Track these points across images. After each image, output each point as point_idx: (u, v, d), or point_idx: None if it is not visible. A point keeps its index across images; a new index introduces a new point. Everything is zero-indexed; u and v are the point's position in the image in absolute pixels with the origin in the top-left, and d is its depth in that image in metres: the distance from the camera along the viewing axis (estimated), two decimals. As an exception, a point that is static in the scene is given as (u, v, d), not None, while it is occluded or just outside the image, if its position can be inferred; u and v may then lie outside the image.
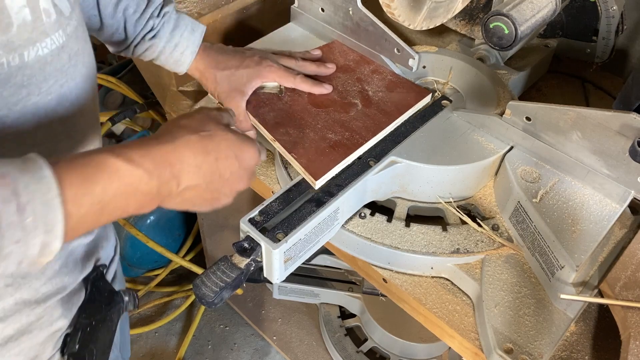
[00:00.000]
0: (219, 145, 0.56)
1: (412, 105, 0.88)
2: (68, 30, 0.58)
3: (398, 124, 0.86)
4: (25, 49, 0.52)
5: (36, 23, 0.53)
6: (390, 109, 0.87)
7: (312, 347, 1.65)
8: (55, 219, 0.43)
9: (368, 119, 0.85)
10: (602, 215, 0.76)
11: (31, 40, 0.53)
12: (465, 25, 1.06)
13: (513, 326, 0.73)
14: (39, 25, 0.53)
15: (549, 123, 0.78)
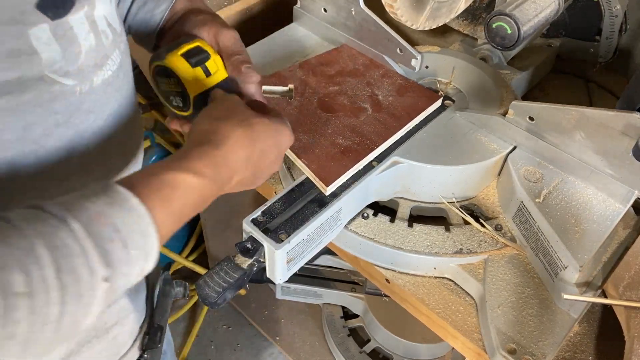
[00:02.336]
0: (260, 134, 0.56)
1: (423, 110, 0.88)
2: (122, 47, 0.57)
3: (409, 128, 0.86)
4: (94, 74, 0.52)
5: (99, 47, 0.52)
6: (400, 113, 0.87)
7: (315, 347, 1.65)
8: (152, 246, 0.44)
9: (378, 123, 0.85)
10: (605, 215, 0.76)
11: (97, 65, 0.52)
12: (468, 25, 1.06)
13: (516, 327, 0.73)
14: (101, 49, 0.53)
15: (552, 123, 0.78)
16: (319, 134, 0.83)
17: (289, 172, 0.86)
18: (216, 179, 0.50)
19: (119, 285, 0.42)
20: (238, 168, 0.53)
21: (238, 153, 0.53)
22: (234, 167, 0.53)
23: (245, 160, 0.54)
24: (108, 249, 0.40)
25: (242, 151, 0.53)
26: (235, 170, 0.53)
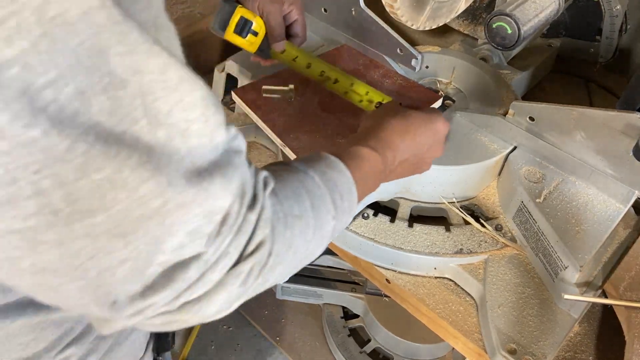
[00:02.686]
0: (413, 123, 0.66)
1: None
2: None
3: None
4: None
5: None
6: None
7: (315, 347, 1.65)
8: (354, 201, 0.55)
9: None
10: (606, 215, 0.76)
11: None
12: (468, 25, 1.05)
13: (516, 327, 0.73)
14: None
15: (553, 123, 0.78)
16: (319, 134, 0.83)
17: (289, 172, 0.86)
18: (383, 155, 0.61)
19: (336, 227, 0.53)
20: (398, 149, 0.64)
21: (394, 136, 0.64)
22: (395, 148, 0.63)
23: (402, 142, 0.64)
24: (334, 197, 0.51)
25: (399, 136, 0.64)
26: (396, 151, 0.63)
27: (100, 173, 0.30)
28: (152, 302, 0.37)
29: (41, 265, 0.33)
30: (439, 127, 0.68)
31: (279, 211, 0.45)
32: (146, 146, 0.32)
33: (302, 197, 0.48)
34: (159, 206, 0.33)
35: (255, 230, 0.41)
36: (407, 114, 0.67)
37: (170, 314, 0.39)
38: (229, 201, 0.38)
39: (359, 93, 0.86)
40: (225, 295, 0.41)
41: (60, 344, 0.55)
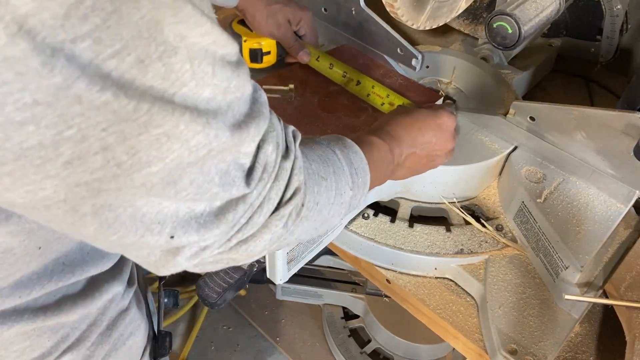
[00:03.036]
0: (418, 117, 0.70)
1: None
2: None
3: None
4: None
5: None
6: None
7: (315, 348, 1.65)
8: (367, 180, 0.60)
9: None
10: (606, 215, 0.75)
11: None
12: (469, 24, 1.05)
13: (517, 327, 0.72)
14: None
15: (553, 123, 0.78)
16: (320, 133, 0.83)
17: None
18: (390, 145, 0.66)
19: (352, 201, 0.58)
20: (403, 141, 0.68)
21: (399, 131, 0.68)
22: (400, 140, 0.67)
23: (407, 136, 0.68)
24: (351, 171, 0.57)
25: (403, 129, 0.69)
26: (402, 143, 0.67)
27: (160, 128, 0.34)
28: (207, 241, 0.42)
29: (100, 204, 0.36)
30: (443, 120, 0.71)
31: (308, 167, 0.51)
32: (194, 105, 0.35)
33: (326, 162, 0.54)
34: (205, 154, 0.37)
35: (291, 177, 0.47)
36: (412, 110, 0.72)
37: (223, 254, 0.45)
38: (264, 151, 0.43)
39: (380, 95, 0.87)
40: (270, 235, 0.46)
41: (56, 351, 0.55)
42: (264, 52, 0.95)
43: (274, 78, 0.93)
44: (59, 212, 0.36)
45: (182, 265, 0.44)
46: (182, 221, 0.40)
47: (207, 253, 0.43)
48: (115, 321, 0.61)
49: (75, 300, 0.55)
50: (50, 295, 0.52)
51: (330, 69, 0.93)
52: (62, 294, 0.53)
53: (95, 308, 0.58)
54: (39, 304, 0.52)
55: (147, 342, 0.70)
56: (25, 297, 0.50)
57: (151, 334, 0.71)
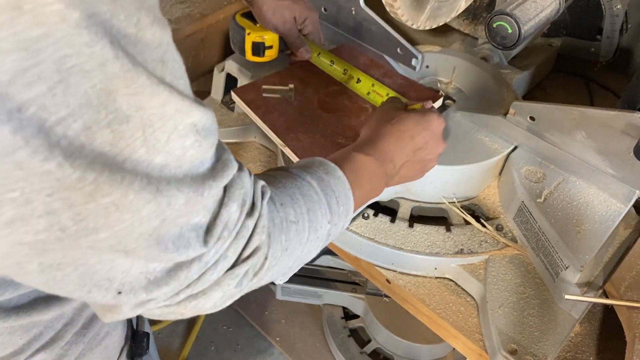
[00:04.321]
0: (407, 125, 0.69)
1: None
2: None
3: None
4: None
5: None
6: None
7: (315, 348, 1.65)
8: (351, 206, 0.59)
9: None
10: (606, 215, 0.75)
11: None
12: (469, 24, 1.05)
13: (517, 327, 0.72)
14: None
15: (554, 123, 0.78)
16: (320, 133, 0.83)
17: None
18: (379, 160, 0.65)
19: (332, 231, 0.57)
20: (394, 154, 0.67)
21: (389, 142, 0.67)
22: (391, 153, 0.67)
23: (399, 147, 0.67)
24: (330, 202, 0.55)
25: (394, 141, 0.67)
26: (393, 155, 0.67)
27: (107, 197, 0.33)
28: (155, 296, 0.41)
29: (48, 263, 0.36)
30: (433, 124, 0.70)
31: (276, 217, 0.49)
32: (145, 172, 0.35)
33: (299, 202, 0.52)
34: (158, 224, 0.37)
35: (252, 236, 0.45)
36: (401, 119, 0.69)
37: (169, 307, 0.44)
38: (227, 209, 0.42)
39: (380, 94, 0.87)
40: (221, 293, 0.45)
41: (29, 349, 0.55)
42: (267, 46, 0.95)
43: (274, 78, 0.93)
44: (3, 264, 0.36)
45: (126, 314, 0.43)
46: (132, 277, 0.39)
47: (152, 305, 0.42)
48: (91, 320, 0.61)
49: (49, 301, 0.54)
50: (24, 296, 0.52)
51: (331, 66, 0.93)
52: (36, 295, 0.53)
53: (70, 308, 0.57)
54: (12, 304, 0.52)
55: (125, 342, 0.70)
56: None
57: (129, 334, 0.71)
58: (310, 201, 0.53)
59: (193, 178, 0.38)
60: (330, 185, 0.56)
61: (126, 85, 0.32)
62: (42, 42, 0.28)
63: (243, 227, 0.44)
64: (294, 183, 0.54)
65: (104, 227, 0.34)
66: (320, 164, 0.58)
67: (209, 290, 0.44)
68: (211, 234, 0.41)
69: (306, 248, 0.54)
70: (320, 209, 0.54)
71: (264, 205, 0.47)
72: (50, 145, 0.30)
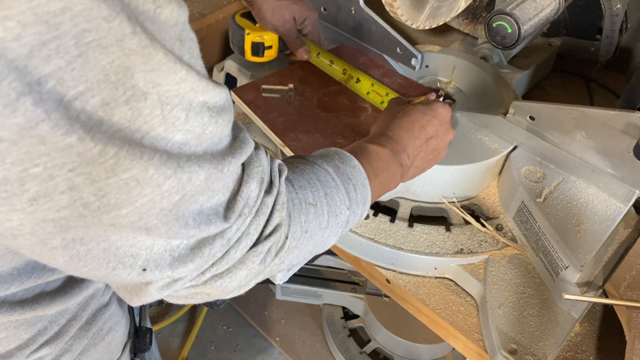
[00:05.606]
0: (415, 116, 0.70)
1: None
2: None
3: None
4: None
5: None
6: None
7: (315, 348, 1.65)
8: (368, 194, 0.59)
9: None
10: (606, 214, 0.75)
11: None
12: (469, 24, 1.05)
13: (517, 327, 0.72)
14: None
15: (553, 122, 0.78)
16: (319, 133, 0.83)
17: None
18: (393, 150, 0.65)
19: (351, 219, 0.57)
20: (407, 144, 0.67)
21: (401, 134, 0.68)
22: (404, 143, 0.67)
23: (410, 139, 0.68)
24: (347, 189, 0.56)
25: (406, 132, 0.68)
26: (405, 146, 0.67)
27: (128, 172, 0.33)
28: (180, 274, 0.41)
29: (71, 238, 0.36)
30: (440, 112, 0.72)
31: (294, 197, 0.50)
32: (164, 149, 0.35)
33: (316, 186, 0.53)
34: (178, 199, 0.37)
35: (272, 213, 0.46)
36: (407, 111, 0.71)
37: (196, 288, 0.44)
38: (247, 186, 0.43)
39: (380, 94, 0.87)
40: (246, 271, 0.46)
41: (33, 343, 0.56)
42: (266, 46, 0.95)
43: (273, 78, 0.92)
44: (27, 243, 0.35)
45: (153, 295, 0.43)
46: (156, 254, 0.40)
47: (179, 285, 0.43)
48: (95, 316, 0.62)
49: (53, 296, 0.55)
50: (29, 291, 0.53)
51: (331, 65, 0.93)
52: (40, 290, 0.54)
53: (74, 303, 0.58)
54: (17, 298, 0.52)
55: (128, 338, 0.70)
56: (3, 292, 0.50)
57: (132, 330, 0.72)
58: (328, 187, 0.54)
59: (213, 155, 0.39)
60: (346, 173, 0.57)
61: (144, 61, 0.32)
62: (61, 15, 0.28)
63: (263, 204, 0.45)
64: (311, 169, 0.55)
65: (126, 202, 0.34)
66: (336, 154, 0.59)
67: (234, 269, 0.45)
68: (232, 210, 0.42)
69: (326, 233, 0.54)
70: (338, 194, 0.55)
71: (282, 183, 0.48)
72: (70, 119, 0.30)
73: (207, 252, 0.41)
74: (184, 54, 0.36)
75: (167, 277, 0.41)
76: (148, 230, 0.37)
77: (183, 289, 0.43)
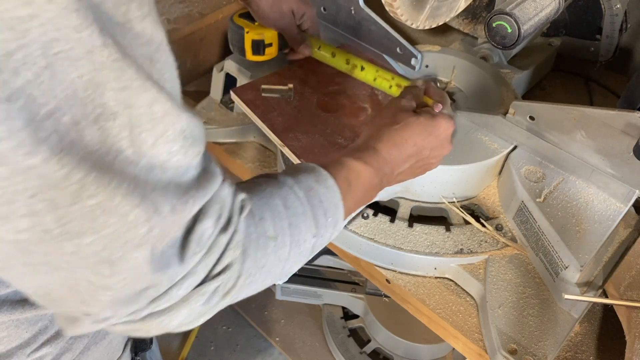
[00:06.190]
0: (413, 132, 0.67)
1: None
2: None
3: None
4: None
5: None
6: None
7: (315, 348, 1.65)
8: (340, 216, 0.56)
9: None
10: (606, 214, 0.75)
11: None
12: (468, 24, 1.05)
13: (517, 327, 0.72)
14: None
15: (553, 122, 0.78)
16: (319, 133, 0.83)
17: (289, 172, 0.85)
18: (379, 170, 0.62)
19: (317, 244, 0.54)
20: (396, 163, 0.65)
21: (391, 151, 0.65)
22: (393, 162, 0.65)
23: (399, 153, 0.65)
24: (316, 214, 0.52)
25: (395, 148, 0.65)
26: (394, 165, 0.65)
27: (93, 199, 0.32)
28: (119, 312, 0.39)
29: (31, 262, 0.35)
30: (440, 129, 0.69)
31: (253, 232, 0.46)
32: (133, 174, 0.34)
33: (281, 215, 0.49)
34: (145, 232, 0.35)
35: (225, 252, 0.43)
36: (407, 124, 0.67)
37: (133, 323, 0.41)
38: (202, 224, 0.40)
39: (386, 78, 0.87)
40: (188, 311, 0.42)
41: (34, 342, 0.56)
42: (266, 44, 0.94)
43: (273, 78, 0.92)
44: None
45: (86, 328, 0.41)
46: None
47: (112, 321, 0.40)
48: None
49: None
50: None
51: (333, 58, 0.93)
52: None
53: None
54: (18, 296, 0.52)
55: (129, 337, 0.70)
56: (4, 290, 0.50)
57: None
58: (294, 214, 0.51)
59: (177, 186, 0.37)
60: (318, 195, 0.53)
61: (115, 77, 0.31)
62: (29, 22, 0.27)
63: (216, 242, 0.42)
64: (279, 193, 0.51)
65: (90, 230, 0.33)
66: (312, 171, 0.55)
67: (175, 307, 0.41)
68: (186, 251, 0.39)
69: (287, 264, 0.51)
70: (305, 221, 0.52)
71: (241, 221, 0.45)
72: (37, 140, 0.29)
73: (151, 294, 0.39)
74: (152, 74, 0.34)
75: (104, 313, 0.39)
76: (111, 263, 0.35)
77: (120, 323, 0.41)
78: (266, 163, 0.96)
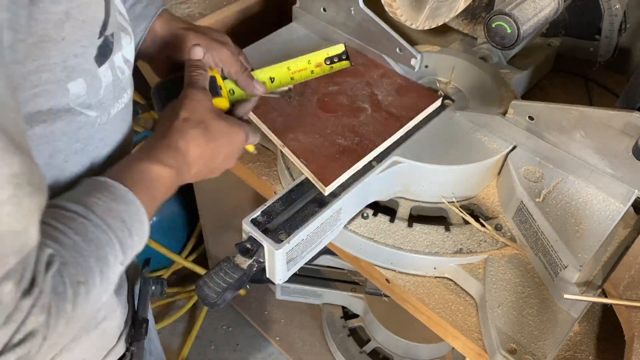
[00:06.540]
0: (215, 136, 0.62)
1: (423, 109, 0.87)
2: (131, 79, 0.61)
3: (409, 128, 0.86)
4: (112, 107, 0.57)
5: (115, 82, 0.56)
6: (400, 113, 0.87)
7: (315, 347, 1.65)
8: (145, 232, 0.53)
9: (378, 123, 0.85)
10: (605, 214, 0.76)
11: (115, 97, 0.57)
12: (468, 24, 1.05)
13: (516, 326, 0.73)
14: (117, 84, 0.57)
15: (552, 122, 0.78)
16: (318, 133, 0.83)
17: (289, 172, 0.86)
18: (178, 170, 0.58)
19: (124, 266, 0.51)
20: (194, 162, 0.60)
21: (194, 150, 0.60)
22: (191, 161, 0.60)
23: (200, 156, 0.61)
24: (121, 238, 0.49)
25: (197, 149, 0.60)
26: (192, 164, 0.60)
27: None
28: None
29: None
30: (238, 140, 0.66)
31: (59, 284, 0.43)
32: None
33: (86, 254, 0.46)
34: None
35: (27, 318, 0.39)
36: (209, 125, 0.62)
37: None
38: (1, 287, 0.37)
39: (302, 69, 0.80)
40: None
41: None
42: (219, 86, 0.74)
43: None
44: None
45: None
46: None
47: None
48: None
49: None
50: None
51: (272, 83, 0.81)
52: None
53: None
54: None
55: (124, 327, 0.70)
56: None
57: (129, 320, 0.71)
58: (100, 246, 0.47)
59: None
60: (120, 215, 0.49)
61: None
62: None
63: (16, 309, 0.38)
64: (81, 229, 0.47)
65: None
66: (108, 189, 0.51)
67: None
68: None
69: (99, 299, 0.49)
70: (112, 251, 0.49)
71: (47, 280, 0.41)
72: None
73: None
74: None
75: None
76: None
77: None
78: (266, 163, 0.97)
